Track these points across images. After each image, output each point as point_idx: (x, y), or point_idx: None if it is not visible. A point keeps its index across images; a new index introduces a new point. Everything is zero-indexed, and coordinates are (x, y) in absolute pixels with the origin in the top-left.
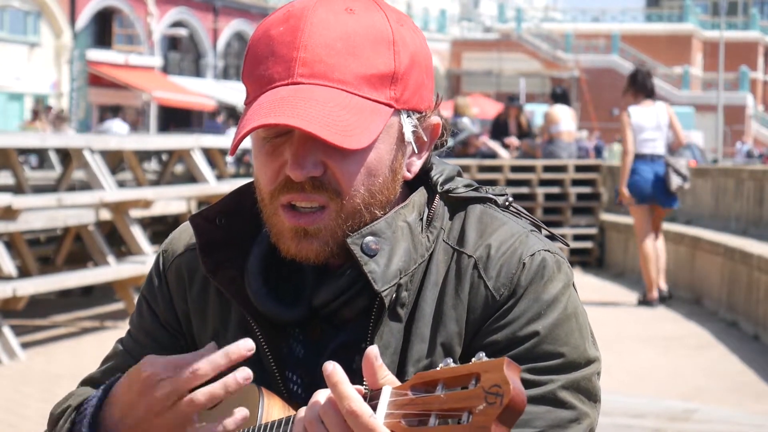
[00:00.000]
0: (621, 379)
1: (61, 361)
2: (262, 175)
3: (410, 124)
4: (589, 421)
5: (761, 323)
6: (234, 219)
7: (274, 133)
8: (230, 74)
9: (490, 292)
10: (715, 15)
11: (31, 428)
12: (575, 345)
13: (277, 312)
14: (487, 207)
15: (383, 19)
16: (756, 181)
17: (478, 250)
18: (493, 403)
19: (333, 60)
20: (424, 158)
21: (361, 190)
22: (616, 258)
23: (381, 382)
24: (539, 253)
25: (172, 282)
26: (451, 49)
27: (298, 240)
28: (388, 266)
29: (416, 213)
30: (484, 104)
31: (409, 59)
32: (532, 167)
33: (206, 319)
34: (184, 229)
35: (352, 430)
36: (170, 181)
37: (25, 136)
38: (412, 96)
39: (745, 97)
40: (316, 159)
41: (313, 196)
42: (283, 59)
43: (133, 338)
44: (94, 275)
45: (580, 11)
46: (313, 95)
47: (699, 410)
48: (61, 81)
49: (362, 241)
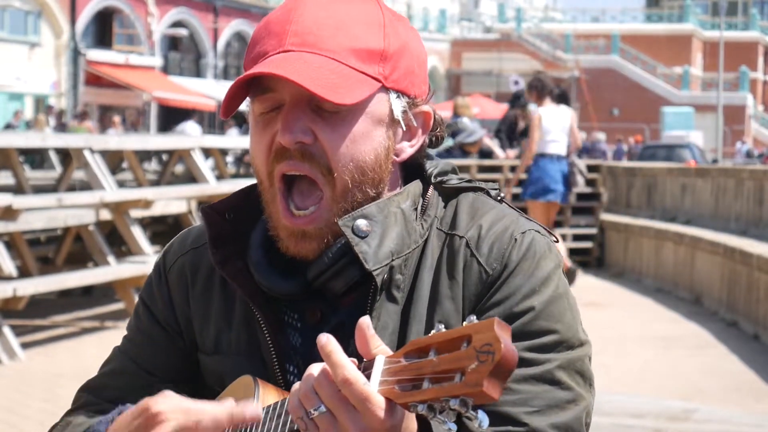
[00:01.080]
0: (621, 379)
1: (61, 361)
2: (257, 151)
3: (399, 105)
4: (586, 404)
5: (761, 323)
6: (241, 215)
7: (267, 108)
8: (230, 74)
9: (482, 268)
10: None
11: (31, 428)
12: (569, 324)
13: (275, 284)
14: (479, 195)
15: (376, 7)
16: (756, 181)
17: (469, 231)
18: (485, 361)
19: (323, 32)
20: (416, 146)
21: (350, 166)
22: (616, 258)
23: (374, 352)
24: (530, 232)
25: (173, 282)
26: (451, 49)
27: (296, 240)
28: (379, 247)
29: (410, 201)
30: (484, 104)
31: (399, 44)
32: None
33: (209, 318)
34: (185, 232)
35: (346, 399)
36: (170, 181)
37: (25, 136)
38: (402, 78)
39: (745, 97)
40: (305, 126)
41: (304, 165)
42: (276, 34)
43: (129, 340)
44: (94, 275)
45: (580, 11)
46: (300, 57)
47: (699, 410)
48: (61, 81)
49: (353, 224)
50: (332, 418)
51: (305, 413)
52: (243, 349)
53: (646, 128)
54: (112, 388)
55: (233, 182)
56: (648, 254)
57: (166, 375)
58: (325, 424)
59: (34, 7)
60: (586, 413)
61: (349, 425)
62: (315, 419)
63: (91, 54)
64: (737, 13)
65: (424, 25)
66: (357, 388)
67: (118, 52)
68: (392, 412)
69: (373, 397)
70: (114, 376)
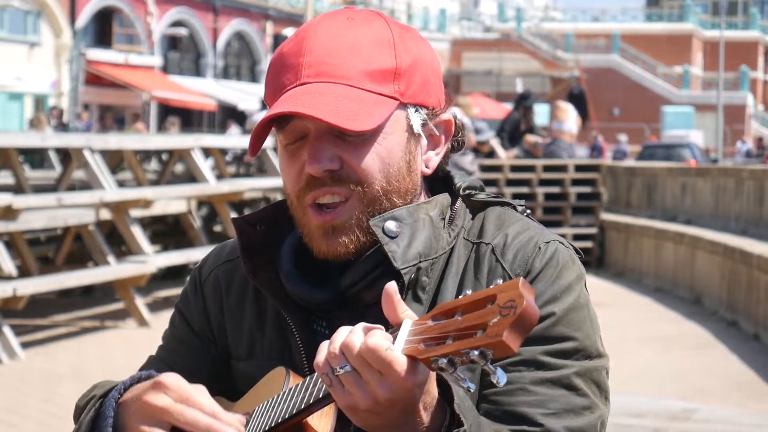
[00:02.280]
0: (621, 379)
1: (61, 361)
2: (288, 179)
3: (418, 118)
4: (601, 413)
5: (761, 323)
6: (271, 226)
7: (292, 139)
8: (230, 74)
9: (506, 273)
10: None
11: (31, 428)
12: (588, 333)
13: (307, 293)
14: (506, 209)
15: (384, 25)
16: (756, 180)
17: (496, 239)
18: (507, 315)
19: (335, 60)
20: (441, 154)
21: (379, 177)
22: (616, 258)
23: (402, 316)
24: (554, 242)
25: (208, 293)
26: (451, 49)
27: (327, 237)
28: (408, 247)
29: (438, 210)
30: (484, 104)
31: (411, 58)
32: (532, 167)
33: (242, 326)
34: (221, 246)
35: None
36: (170, 180)
37: (25, 136)
38: (418, 92)
39: (745, 96)
40: (332, 154)
41: (334, 188)
42: (291, 67)
43: (164, 348)
44: (94, 275)
45: (580, 11)
46: (317, 90)
47: (699, 410)
48: (61, 81)
49: (383, 224)
50: (357, 376)
51: (331, 370)
52: (275, 353)
53: (646, 128)
54: None
55: (233, 182)
56: (648, 254)
57: (201, 381)
58: (350, 381)
59: (33, 7)
60: (600, 423)
61: (373, 383)
62: (340, 376)
63: (91, 54)
64: (737, 12)
65: (424, 25)
66: (380, 354)
67: (118, 52)
68: (414, 372)
69: (395, 360)
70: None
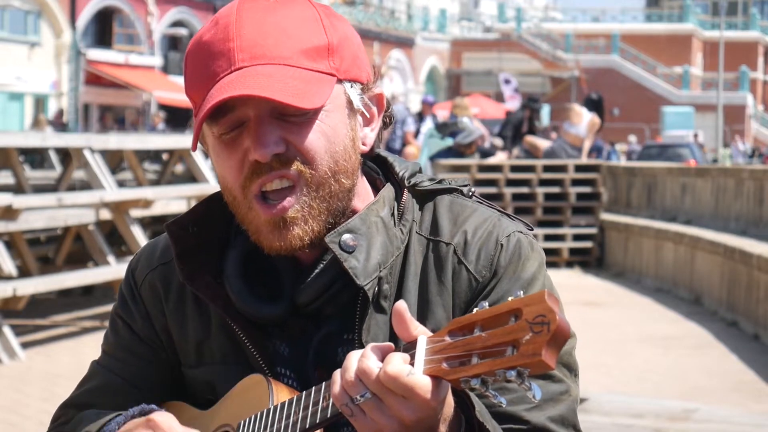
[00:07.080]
0: (621, 379)
1: (61, 361)
2: (227, 171)
3: (356, 93)
4: (576, 394)
5: (761, 323)
6: (204, 226)
7: (228, 128)
8: None
9: (472, 275)
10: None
11: (31, 428)
12: None
13: (260, 310)
14: (454, 197)
15: (307, 4)
16: (756, 180)
17: (455, 237)
18: (540, 332)
19: (268, 41)
20: (376, 130)
21: (326, 157)
22: (616, 258)
23: (415, 333)
24: (514, 234)
25: (147, 298)
26: (451, 49)
27: (279, 232)
28: (367, 260)
29: (387, 208)
30: (484, 104)
31: (339, 34)
32: (532, 167)
33: (186, 330)
34: (151, 246)
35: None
36: (170, 180)
37: (25, 136)
38: (351, 66)
39: (745, 97)
40: (277, 137)
41: (282, 171)
42: (221, 54)
43: (111, 356)
44: (94, 275)
45: (580, 11)
46: (258, 72)
47: (699, 410)
48: (61, 81)
49: (339, 239)
50: (379, 401)
51: (350, 399)
52: (229, 356)
53: (646, 128)
54: (99, 406)
55: None
56: (648, 254)
57: (154, 388)
58: (372, 408)
59: (34, 7)
60: (575, 402)
61: (397, 407)
62: (361, 405)
63: (91, 53)
64: (737, 12)
65: (424, 25)
66: (402, 381)
67: (118, 52)
68: (438, 391)
69: (417, 385)
70: (99, 393)
